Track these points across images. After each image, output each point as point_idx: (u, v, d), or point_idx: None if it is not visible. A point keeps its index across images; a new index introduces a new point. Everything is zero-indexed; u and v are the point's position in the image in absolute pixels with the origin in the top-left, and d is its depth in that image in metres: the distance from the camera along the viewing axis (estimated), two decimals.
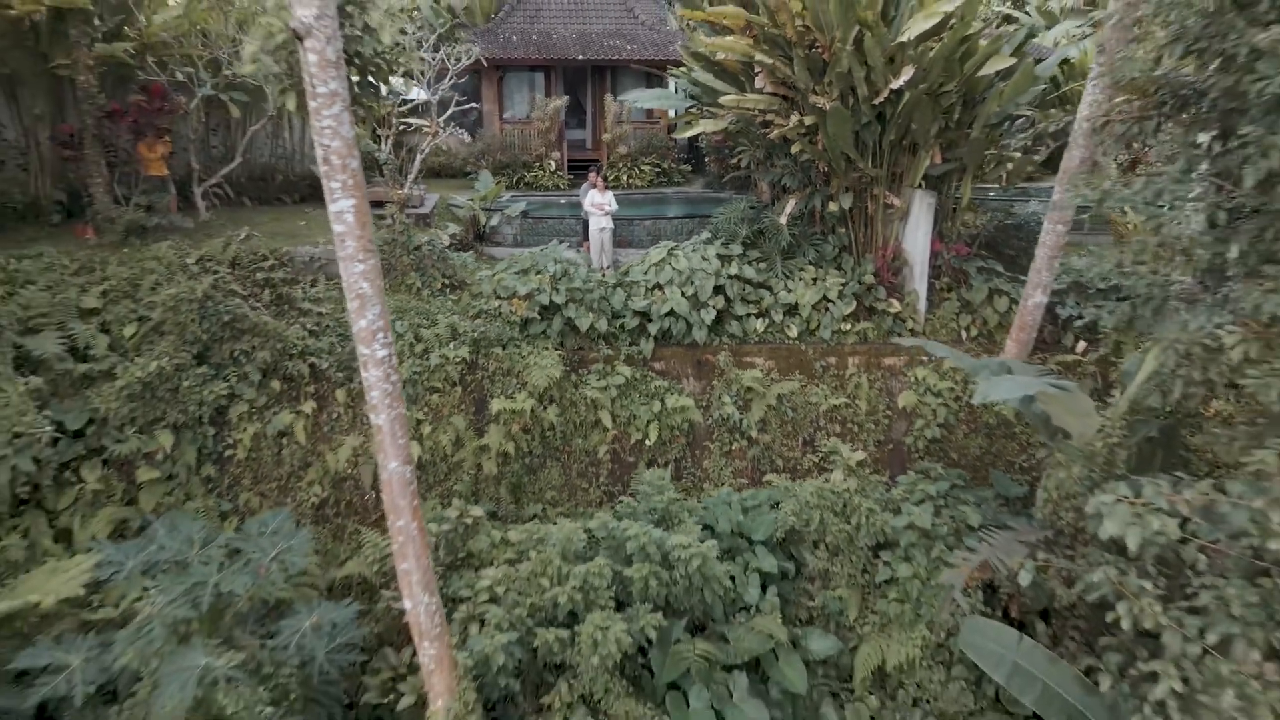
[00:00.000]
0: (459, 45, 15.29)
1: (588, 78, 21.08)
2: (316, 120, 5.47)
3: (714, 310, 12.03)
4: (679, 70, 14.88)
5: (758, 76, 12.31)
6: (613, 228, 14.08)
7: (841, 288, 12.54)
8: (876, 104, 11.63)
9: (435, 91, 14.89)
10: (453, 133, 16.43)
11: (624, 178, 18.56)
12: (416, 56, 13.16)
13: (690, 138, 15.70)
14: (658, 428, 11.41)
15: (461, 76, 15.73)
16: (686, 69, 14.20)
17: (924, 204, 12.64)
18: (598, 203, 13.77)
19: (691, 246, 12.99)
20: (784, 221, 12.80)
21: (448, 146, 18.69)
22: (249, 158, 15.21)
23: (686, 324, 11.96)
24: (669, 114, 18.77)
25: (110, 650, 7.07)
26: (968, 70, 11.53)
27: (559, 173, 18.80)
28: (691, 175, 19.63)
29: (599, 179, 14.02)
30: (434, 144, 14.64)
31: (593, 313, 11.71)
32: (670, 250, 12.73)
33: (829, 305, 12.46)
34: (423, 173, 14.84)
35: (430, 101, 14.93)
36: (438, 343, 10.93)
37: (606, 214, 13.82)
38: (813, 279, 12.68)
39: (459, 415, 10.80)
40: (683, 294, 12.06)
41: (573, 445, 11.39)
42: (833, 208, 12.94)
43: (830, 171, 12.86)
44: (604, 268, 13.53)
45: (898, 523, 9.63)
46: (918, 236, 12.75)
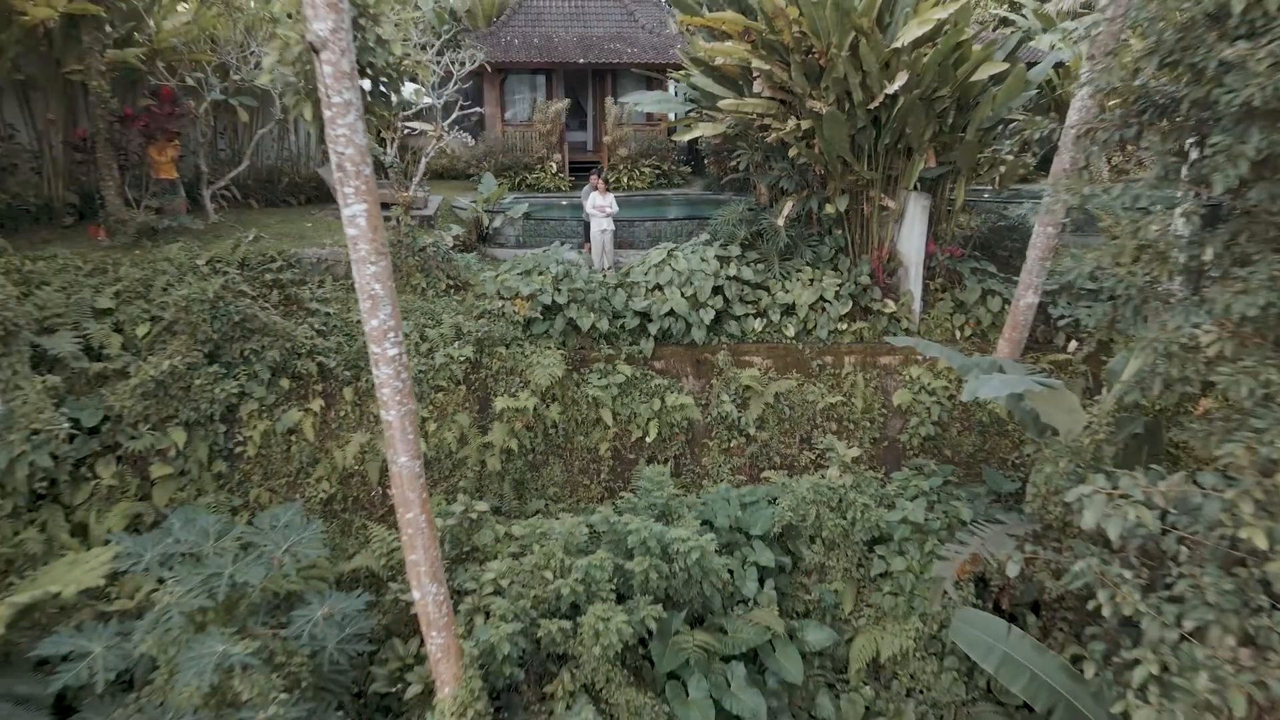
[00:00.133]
0: (463, 50, 15.52)
1: (589, 81, 21.25)
2: (331, 129, 5.69)
3: (713, 310, 12.25)
4: (679, 74, 15.05)
5: (756, 81, 12.53)
6: (614, 229, 14.27)
7: (838, 288, 12.75)
8: (872, 108, 11.85)
9: (440, 96, 15.12)
10: (456, 135, 16.63)
11: (625, 180, 18.71)
12: (423, 62, 13.40)
13: (690, 141, 15.82)
14: (658, 425, 11.64)
15: (465, 80, 15.95)
16: (686, 73, 14.38)
17: (919, 206, 12.87)
18: (599, 204, 13.95)
19: (691, 248, 13.19)
20: (781, 223, 12.98)
21: (451, 149, 18.86)
22: (256, 161, 15.45)
23: (686, 324, 12.19)
24: (669, 117, 18.92)
25: (129, 638, 7.32)
26: (961, 75, 11.73)
27: (560, 175, 18.96)
28: (691, 177, 19.77)
29: (600, 181, 14.17)
30: (438, 147, 14.86)
31: (594, 313, 11.93)
32: (670, 251, 12.93)
33: (826, 305, 12.67)
34: (427, 175, 15.05)
35: (435, 105, 15.15)
36: (442, 342, 11.16)
37: (607, 216, 14.00)
38: (810, 280, 12.89)
39: (463, 413, 11.03)
40: (682, 294, 12.29)
41: (575, 442, 11.62)
42: (829, 210, 13.14)
43: (827, 174, 13.08)
44: (605, 269, 13.72)
45: (892, 518, 9.86)
46: (912, 238, 12.97)
